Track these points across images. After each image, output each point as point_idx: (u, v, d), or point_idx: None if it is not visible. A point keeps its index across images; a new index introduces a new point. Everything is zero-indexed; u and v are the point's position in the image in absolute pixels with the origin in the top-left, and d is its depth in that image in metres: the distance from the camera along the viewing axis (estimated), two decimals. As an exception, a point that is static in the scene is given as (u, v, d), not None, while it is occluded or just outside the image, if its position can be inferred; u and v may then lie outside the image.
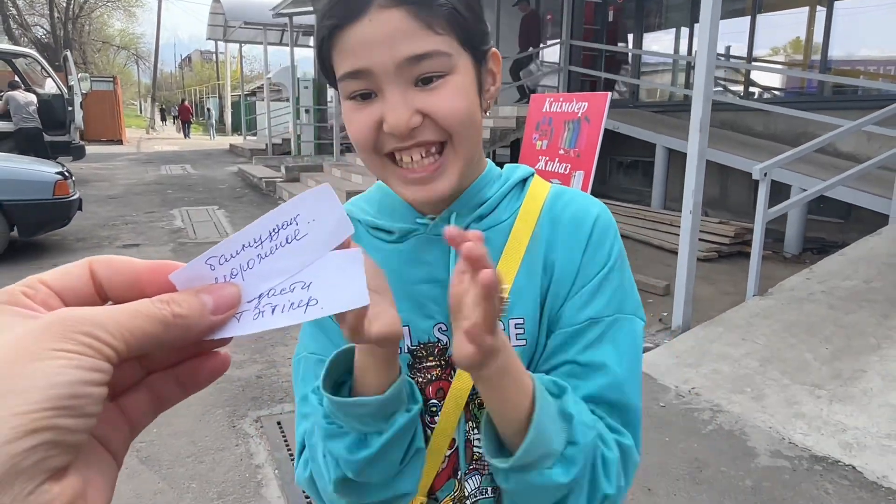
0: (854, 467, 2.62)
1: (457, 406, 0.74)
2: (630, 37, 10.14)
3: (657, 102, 9.81)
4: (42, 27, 29.35)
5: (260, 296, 0.36)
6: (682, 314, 4.01)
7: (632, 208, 7.41)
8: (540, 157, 4.85)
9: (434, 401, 0.75)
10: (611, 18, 10.46)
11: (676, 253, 4.79)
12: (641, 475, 2.60)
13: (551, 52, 11.16)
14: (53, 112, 11.18)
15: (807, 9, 7.60)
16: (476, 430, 0.74)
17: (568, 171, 4.57)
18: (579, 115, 4.57)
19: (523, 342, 0.73)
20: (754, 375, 3.36)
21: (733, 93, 8.82)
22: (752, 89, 8.56)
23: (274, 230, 0.37)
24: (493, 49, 0.72)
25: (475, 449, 0.75)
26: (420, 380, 0.75)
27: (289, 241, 0.37)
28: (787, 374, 3.31)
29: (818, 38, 7.29)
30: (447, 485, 0.75)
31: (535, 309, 0.74)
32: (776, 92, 8.41)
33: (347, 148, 13.50)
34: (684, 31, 9.26)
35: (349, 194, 7.96)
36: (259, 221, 0.36)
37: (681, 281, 3.98)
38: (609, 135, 7.92)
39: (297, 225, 0.37)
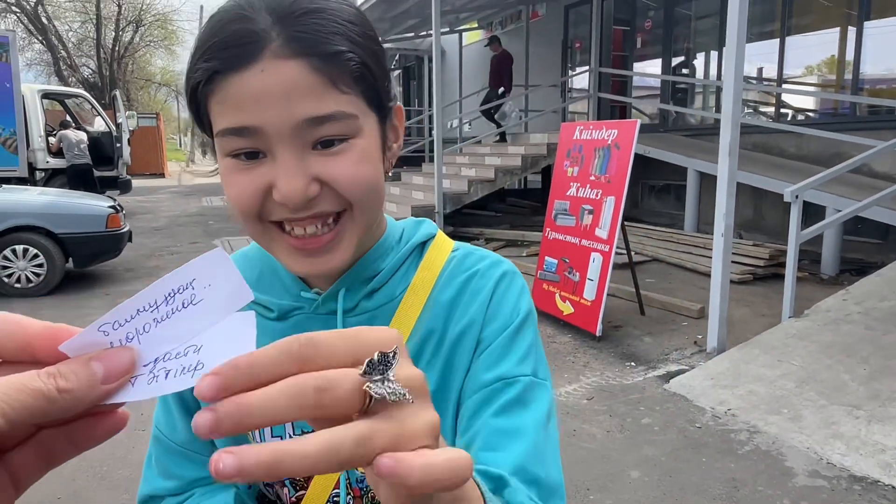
0: (893, 487, 2.62)
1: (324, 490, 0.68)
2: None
3: (688, 126, 9.85)
4: (89, 67, 30.80)
5: (156, 360, 0.35)
6: (717, 336, 4.04)
7: (665, 232, 7.44)
8: (571, 184, 4.96)
9: None
10: (639, 45, 10.60)
11: (710, 275, 4.83)
12: (678, 494, 2.65)
13: (580, 80, 11.33)
14: (103, 148, 11.74)
15: (837, 29, 7.62)
16: None
17: (599, 196, 4.67)
18: (609, 141, 4.68)
19: None
20: (791, 396, 3.37)
21: (765, 115, 8.82)
22: (783, 111, 8.56)
23: (169, 294, 0.35)
24: (398, 104, 0.66)
25: None
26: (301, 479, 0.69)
27: (185, 305, 0.35)
28: (824, 395, 3.32)
29: (849, 58, 7.30)
30: None
31: (432, 388, 0.63)
32: (808, 113, 8.39)
33: (381, 177, 13.80)
34: (713, 54, 9.33)
35: (384, 222, 8.16)
36: (153, 286, 0.36)
37: (715, 303, 4.02)
38: (641, 159, 7.98)
39: (192, 289, 0.36)
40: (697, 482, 2.74)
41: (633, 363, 4.13)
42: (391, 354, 0.31)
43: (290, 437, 0.67)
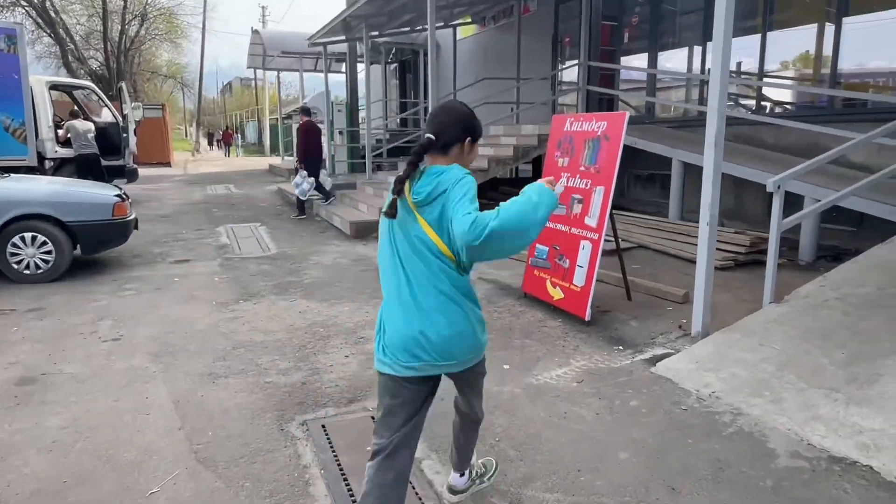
0: (872, 468, 2.59)
1: None
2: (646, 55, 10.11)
3: (672, 118, 9.76)
4: (97, 60, 30.25)
5: None
6: (702, 321, 3.99)
7: (650, 220, 7.38)
8: (562, 174, 4.88)
9: None
10: (626, 39, 10.46)
11: (694, 262, 4.77)
12: (665, 475, 2.61)
13: (570, 73, 11.20)
14: (110, 139, 11.54)
15: (815, 25, 7.52)
16: None
17: (589, 186, 4.59)
18: (599, 133, 4.60)
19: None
20: (772, 379, 3.33)
21: (745, 107, 8.74)
22: (763, 103, 8.48)
23: None
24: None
25: None
26: None
27: None
28: (803, 379, 3.28)
29: (827, 52, 7.21)
30: None
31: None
32: (787, 106, 8.31)
33: (378, 167, 13.65)
34: (697, 49, 9.22)
35: (380, 212, 8.06)
36: None
37: (699, 289, 3.97)
38: (627, 149, 7.90)
39: None
40: (684, 463, 2.70)
41: (620, 347, 4.08)
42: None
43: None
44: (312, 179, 9.86)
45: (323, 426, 3.08)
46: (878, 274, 4.30)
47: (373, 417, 3.16)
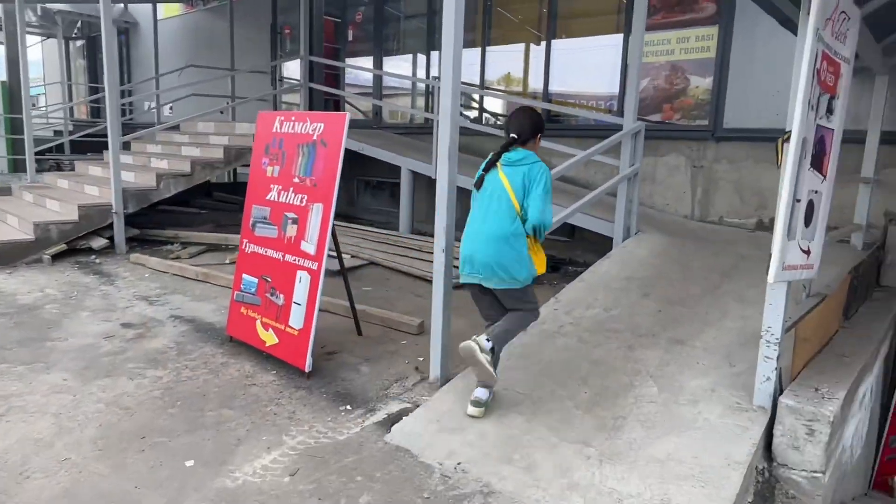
0: (638, 552, 2.16)
1: None
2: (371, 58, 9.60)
3: (400, 124, 9.42)
4: None
5: None
6: (440, 364, 3.36)
7: (382, 233, 6.78)
8: (272, 186, 3.87)
9: None
10: (350, 38, 9.83)
11: (428, 280, 4.18)
12: None
13: (295, 70, 10.17)
14: None
15: (522, 45, 7.80)
16: None
17: (305, 203, 3.66)
18: (315, 137, 3.70)
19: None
20: (522, 436, 2.82)
21: (467, 117, 8.77)
22: (485, 115, 8.59)
23: None
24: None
25: None
26: None
27: None
28: (553, 430, 2.84)
29: (540, 70, 7.47)
30: None
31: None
32: (504, 118, 8.53)
33: (57, 165, 10.87)
34: (421, 57, 9.00)
35: (37, 226, 6.00)
36: None
37: (436, 331, 3.33)
38: (357, 155, 7.21)
39: None
40: None
41: (348, 406, 3.24)
42: None
43: None
44: None
45: None
46: (603, 293, 4.23)
47: None
